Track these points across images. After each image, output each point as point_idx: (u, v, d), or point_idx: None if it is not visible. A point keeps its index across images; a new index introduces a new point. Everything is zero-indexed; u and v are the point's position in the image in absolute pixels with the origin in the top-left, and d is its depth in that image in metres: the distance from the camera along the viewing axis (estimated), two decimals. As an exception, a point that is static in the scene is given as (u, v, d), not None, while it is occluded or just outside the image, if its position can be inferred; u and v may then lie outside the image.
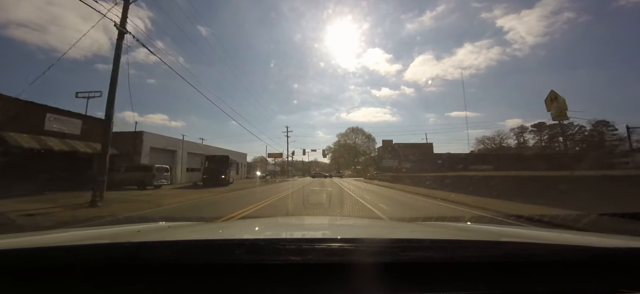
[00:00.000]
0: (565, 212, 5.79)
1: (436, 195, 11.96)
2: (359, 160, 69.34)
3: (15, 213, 6.82)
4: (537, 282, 0.75)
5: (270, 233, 1.37)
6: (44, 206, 7.97)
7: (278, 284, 0.74)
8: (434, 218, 5.46)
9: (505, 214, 6.64)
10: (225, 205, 9.33)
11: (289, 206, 9.05)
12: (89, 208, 7.99)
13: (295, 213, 7.56)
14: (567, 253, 0.82)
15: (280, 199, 11.15)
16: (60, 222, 6.04)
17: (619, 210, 5.09)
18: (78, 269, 0.78)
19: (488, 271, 0.76)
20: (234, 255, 0.79)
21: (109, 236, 1.23)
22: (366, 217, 6.79)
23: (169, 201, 10.21)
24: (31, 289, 0.75)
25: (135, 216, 6.97)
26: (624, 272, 0.77)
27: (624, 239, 1.00)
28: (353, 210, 8.22)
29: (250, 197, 12.15)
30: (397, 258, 0.78)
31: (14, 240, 1.06)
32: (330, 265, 0.77)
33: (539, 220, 5.58)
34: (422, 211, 8.07)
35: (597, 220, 5.08)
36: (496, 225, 1.90)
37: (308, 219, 2.85)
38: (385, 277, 0.73)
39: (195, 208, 8.81)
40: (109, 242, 1.00)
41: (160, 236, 1.18)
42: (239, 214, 7.35)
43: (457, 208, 8.43)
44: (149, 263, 0.79)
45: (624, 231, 4.46)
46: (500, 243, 1.03)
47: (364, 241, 0.95)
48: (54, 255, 0.83)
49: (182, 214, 7.70)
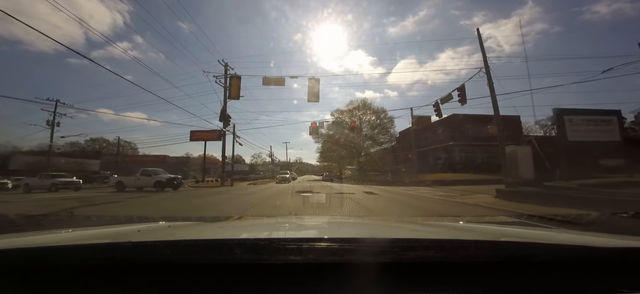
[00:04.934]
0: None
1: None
2: (368, 152, 42.01)
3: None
4: (537, 282, 0.75)
5: (270, 233, 1.36)
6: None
7: (278, 284, 0.73)
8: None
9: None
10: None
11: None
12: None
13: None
14: (567, 253, 0.81)
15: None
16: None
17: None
18: (79, 269, 0.78)
19: (488, 271, 0.76)
20: (234, 255, 0.78)
21: (109, 236, 1.24)
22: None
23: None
24: (31, 289, 0.75)
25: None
26: (624, 272, 0.76)
27: (624, 239, 1.00)
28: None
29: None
30: (397, 257, 0.77)
31: (14, 240, 1.06)
32: (331, 265, 0.76)
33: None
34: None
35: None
36: (495, 225, 1.82)
37: (308, 219, 2.81)
38: (385, 277, 0.73)
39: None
40: (110, 242, 1.00)
41: (161, 235, 1.18)
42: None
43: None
44: (149, 263, 0.79)
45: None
46: (500, 242, 1.02)
47: (364, 241, 0.94)
48: (55, 255, 0.83)
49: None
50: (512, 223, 5.44)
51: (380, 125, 41.17)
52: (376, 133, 41.51)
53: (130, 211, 7.89)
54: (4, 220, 6.41)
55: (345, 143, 40.70)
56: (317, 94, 15.77)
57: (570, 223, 5.00)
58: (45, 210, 8.08)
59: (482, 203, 8.74)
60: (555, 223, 5.05)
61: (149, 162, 48.29)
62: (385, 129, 41.37)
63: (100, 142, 54.29)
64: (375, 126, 41.30)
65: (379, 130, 41.40)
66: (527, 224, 5.45)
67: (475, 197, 10.63)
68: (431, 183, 20.32)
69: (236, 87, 18.15)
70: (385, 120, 40.51)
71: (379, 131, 41.49)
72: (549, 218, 5.40)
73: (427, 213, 7.46)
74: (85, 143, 59.89)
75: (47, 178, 20.05)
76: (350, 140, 40.33)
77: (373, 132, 41.40)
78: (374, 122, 41.28)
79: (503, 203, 8.71)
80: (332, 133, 42.36)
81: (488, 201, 9.37)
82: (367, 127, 41.43)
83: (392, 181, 24.26)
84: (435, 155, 33.72)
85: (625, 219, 5.22)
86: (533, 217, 6.02)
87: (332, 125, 41.60)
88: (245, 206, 8.90)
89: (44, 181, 19.64)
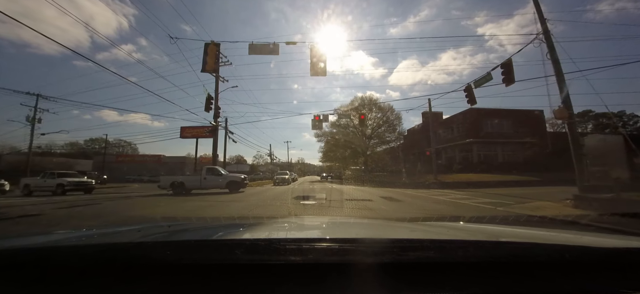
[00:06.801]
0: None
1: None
2: (374, 151, 39.21)
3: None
4: (537, 282, 0.74)
5: (270, 233, 1.34)
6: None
7: (278, 284, 0.73)
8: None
9: None
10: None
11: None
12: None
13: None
14: (567, 253, 0.79)
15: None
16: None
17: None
18: (79, 269, 0.77)
19: (488, 271, 0.75)
20: (234, 255, 0.78)
21: (109, 236, 1.24)
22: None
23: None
24: (31, 290, 0.74)
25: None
26: (624, 272, 0.76)
27: (623, 239, 1.02)
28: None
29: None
30: (397, 258, 0.77)
31: (14, 240, 1.09)
32: (331, 265, 0.76)
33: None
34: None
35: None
36: (496, 225, 1.67)
37: (308, 219, 2.70)
38: (385, 277, 0.73)
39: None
40: (110, 242, 1.01)
41: (161, 236, 1.16)
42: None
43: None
44: (149, 263, 0.79)
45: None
46: (500, 243, 1.00)
47: (364, 241, 0.93)
48: (55, 255, 0.83)
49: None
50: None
51: (387, 123, 38.68)
52: (382, 131, 39.03)
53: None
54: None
55: (349, 141, 37.83)
56: (322, 67, 12.07)
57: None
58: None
59: (581, 220, 5.60)
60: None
61: (142, 162, 45.83)
62: (392, 127, 38.96)
63: (99, 142, 51.90)
64: (382, 123, 38.67)
65: (386, 127, 38.91)
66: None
67: (542, 208, 7.53)
68: (457, 185, 17.66)
69: (213, 55, 14.86)
70: (392, 117, 38.08)
71: (385, 129, 39.04)
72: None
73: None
74: (85, 143, 57.89)
75: (51, 177, 17.20)
76: (355, 138, 37.68)
77: (379, 129, 38.73)
78: (380, 119, 38.55)
79: (613, 219, 5.55)
80: (335, 131, 40.03)
81: (576, 214, 6.27)
82: (372, 125, 38.42)
83: (409, 183, 20.44)
84: (449, 154, 30.98)
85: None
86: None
87: (335, 124, 39.21)
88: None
89: (47, 181, 16.99)
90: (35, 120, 26.76)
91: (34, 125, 26.76)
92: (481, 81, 12.15)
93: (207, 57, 14.89)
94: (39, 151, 34.68)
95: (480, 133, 27.22)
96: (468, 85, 12.91)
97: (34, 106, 26.29)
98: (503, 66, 10.83)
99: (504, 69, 10.74)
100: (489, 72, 11.91)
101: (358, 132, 37.34)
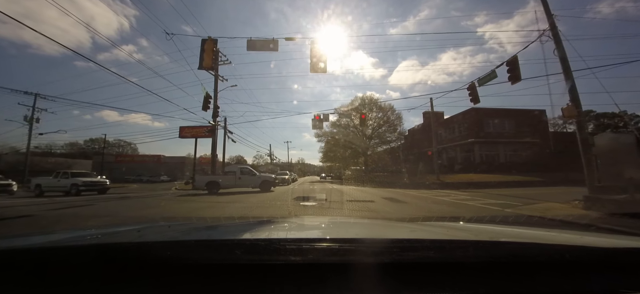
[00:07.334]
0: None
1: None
2: (374, 151, 38.84)
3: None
4: (537, 282, 0.74)
5: (270, 233, 1.33)
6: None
7: (278, 284, 0.72)
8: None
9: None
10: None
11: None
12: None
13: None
14: (567, 253, 0.78)
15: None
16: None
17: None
18: (78, 269, 0.77)
19: (488, 272, 0.75)
20: (234, 255, 0.78)
21: (108, 236, 1.23)
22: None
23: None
24: (31, 290, 0.74)
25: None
26: (624, 272, 0.76)
27: (623, 239, 1.01)
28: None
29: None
30: (397, 258, 0.77)
31: (14, 240, 1.08)
32: (331, 265, 0.76)
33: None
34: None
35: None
36: (496, 225, 1.66)
37: (308, 219, 2.70)
38: (385, 277, 0.73)
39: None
40: (109, 242, 1.00)
41: (161, 236, 1.15)
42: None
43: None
44: (149, 263, 0.79)
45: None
46: (500, 243, 0.99)
47: (364, 241, 0.93)
48: (54, 255, 0.82)
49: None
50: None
51: (387, 123, 38.53)
52: (383, 131, 38.81)
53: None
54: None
55: (349, 141, 37.50)
56: (323, 65, 11.13)
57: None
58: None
59: (589, 222, 5.31)
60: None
61: (142, 162, 45.53)
62: (393, 127, 38.80)
63: (99, 142, 51.65)
64: (382, 123, 38.52)
65: (387, 127, 38.73)
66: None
67: (551, 209, 7.23)
68: (459, 185, 17.41)
69: (210, 52, 14.46)
70: (393, 117, 37.99)
71: (386, 129, 38.81)
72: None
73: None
74: (85, 144, 57.78)
75: (64, 177, 16.66)
76: (355, 138, 37.37)
77: (380, 129, 38.54)
78: (380, 119, 38.47)
79: (624, 221, 5.26)
80: (335, 131, 39.69)
81: (587, 216, 5.97)
82: (373, 125, 38.34)
83: (410, 183, 20.06)
84: (451, 154, 30.69)
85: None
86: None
87: (336, 124, 39.02)
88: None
89: (61, 181, 16.50)
90: (33, 119, 26.47)
91: (32, 124, 26.48)
92: (485, 79, 11.91)
93: (204, 54, 14.50)
94: (38, 151, 34.46)
95: (481, 133, 27.14)
96: (472, 83, 12.68)
97: (32, 105, 26.02)
98: (509, 63, 10.55)
99: (510, 66, 10.46)
100: (493, 70, 11.71)
101: (358, 131, 37.19)
